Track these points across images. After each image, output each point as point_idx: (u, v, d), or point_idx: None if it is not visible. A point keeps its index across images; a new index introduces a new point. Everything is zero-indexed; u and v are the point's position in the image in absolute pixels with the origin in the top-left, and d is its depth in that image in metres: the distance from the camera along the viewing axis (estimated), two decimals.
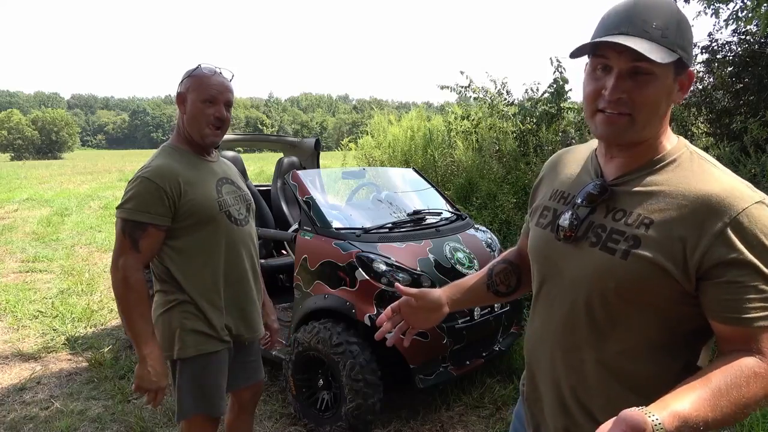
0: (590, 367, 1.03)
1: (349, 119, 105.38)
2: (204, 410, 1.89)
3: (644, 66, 0.94)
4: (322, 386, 3.00)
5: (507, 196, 6.25)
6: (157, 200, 1.74)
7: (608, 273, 0.99)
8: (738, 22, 5.89)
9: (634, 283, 0.96)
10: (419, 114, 10.44)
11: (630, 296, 0.98)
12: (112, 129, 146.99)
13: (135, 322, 1.74)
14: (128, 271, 1.72)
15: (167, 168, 1.79)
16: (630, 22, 0.95)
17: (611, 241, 0.99)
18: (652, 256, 0.94)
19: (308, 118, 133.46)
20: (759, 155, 4.98)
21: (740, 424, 2.82)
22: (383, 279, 2.86)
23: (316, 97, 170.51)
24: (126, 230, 1.73)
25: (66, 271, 6.71)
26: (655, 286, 0.95)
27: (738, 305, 0.89)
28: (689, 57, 0.96)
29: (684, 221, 0.93)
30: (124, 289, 1.73)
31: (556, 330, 1.09)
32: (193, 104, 1.83)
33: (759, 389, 0.88)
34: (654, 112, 0.98)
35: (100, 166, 32.33)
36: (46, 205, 12.88)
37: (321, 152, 4.68)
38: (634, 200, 1.00)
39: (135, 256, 1.74)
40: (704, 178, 0.95)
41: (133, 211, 1.73)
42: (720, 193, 0.92)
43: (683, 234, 0.92)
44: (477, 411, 3.19)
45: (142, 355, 1.74)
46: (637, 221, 0.97)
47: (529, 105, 7.53)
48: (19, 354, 4.16)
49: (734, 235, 0.89)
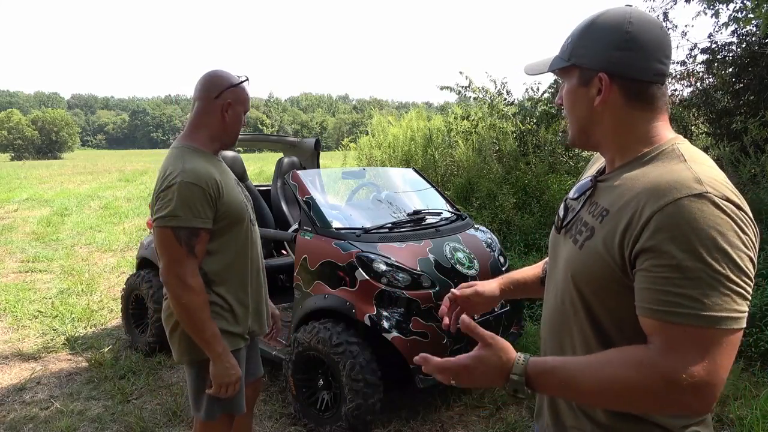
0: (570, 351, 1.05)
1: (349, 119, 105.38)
2: (230, 410, 1.93)
3: (559, 75, 1.10)
4: (322, 386, 3.00)
5: (507, 196, 6.26)
6: (205, 204, 1.75)
7: (570, 262, 1.04)
8: (738, 23, 5.89)
9: (584, 273, 0.99)
10: (419, 114, 10.44)
11: (582, 286, 1.00)
12: (112, 129, 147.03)
13: (205, 324, 1.76)
14: (190, 278, 1.73)
15: (204, 170, 1.79)
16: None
17: (578, 233, 1.04)
18: (598, 246, 0.96)
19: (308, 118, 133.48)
20: (759, 155, 4.99)
21: (740, 423, 2.82)
22: (383, 279, 2.86)
23: (316, 97, 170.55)
24: (182, 238, 1.72)
25: (66, 271, 6.71)
26: (601, 277, 0.96)
27: (654, 296, 0.87)
28: (597, 61, 0.99)
29: (628, 211, 0.92)
30: (191, 296, 1.73)
31: (549, 314, 1.13)
32: (237, 114, 1.91)
33: (634, 374, 0.86)
34: (570, 113, 1.07)
35: (100, 166, 32.32)
36: (46, 205, 12.87)
37: (321, 152, 4.68)
38: (606, 194, 1.02)
39: (193, 261, 1.75)
40: (662, 170, 0.93)
41: (186, 218, 1.72)
42: (662, 183, 0.90)
43: (624, 224, 0.92)
44: (477, 411, 3.19)
45: (216, 353, 1.78)
46: (598, 213, 1.00)
47: (529, 105, 7.54)
48: (19, 354, 4.16)
49: (658, 224, 0.86)
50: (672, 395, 0.84)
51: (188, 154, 1.83)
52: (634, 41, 0.96)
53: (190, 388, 1.92)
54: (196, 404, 1.92)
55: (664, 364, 0.85)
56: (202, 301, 1.76)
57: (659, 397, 0.86)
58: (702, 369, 0.83)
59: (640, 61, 0.96)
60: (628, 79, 0.98)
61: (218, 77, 1.91)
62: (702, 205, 0.85)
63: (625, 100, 0.99)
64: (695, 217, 0.84)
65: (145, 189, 15.94)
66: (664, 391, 0.85)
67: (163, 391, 3.49)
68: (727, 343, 0.84)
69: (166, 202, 1.73)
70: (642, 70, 0.97)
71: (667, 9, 6.55)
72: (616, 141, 1.03)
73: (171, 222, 1.71)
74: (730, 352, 0.85)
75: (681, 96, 6.67)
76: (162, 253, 1.75)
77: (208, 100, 1.88)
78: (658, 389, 0.85)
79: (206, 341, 1.77)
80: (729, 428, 2.89)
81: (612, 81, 0.99)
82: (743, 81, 6.06)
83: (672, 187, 0.88)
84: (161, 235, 1.73)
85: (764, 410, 2.84)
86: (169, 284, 1.75)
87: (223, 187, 1.82)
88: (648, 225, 0.87)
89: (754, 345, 3.54)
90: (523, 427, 2.99)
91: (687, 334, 0.84)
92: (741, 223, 0.86)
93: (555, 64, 1.06)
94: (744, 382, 3.24)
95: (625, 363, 0.88)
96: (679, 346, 0.85)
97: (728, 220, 0.84)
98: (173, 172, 1.76)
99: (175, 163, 1.79)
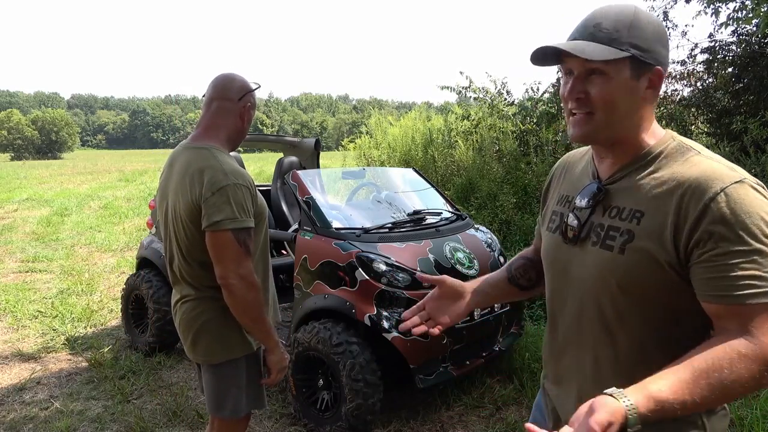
0: (603, 363, 1.06)
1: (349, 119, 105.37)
2: (255, 407, 2.00)
3: (598, 66, 0.99)
4: (322, 386, 3.00)
5: (507, 196, 6.25)
6: (251, 203, 1.82)
7: (609, 269, 1.02)
8: (737, 23, 5.89)
9: (633, 276, 0.99)
10: (419, 114, 10.44)
11: (632, 290, 1.00)
12: (112, 129, 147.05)
13: (265, 318, 1.86)
14: (252, 277, 1.79)
15: (241, 170, 1.84)
16: (582, 28, 1.03)
17: (609, 238, 1.03)
18: (646, 246, 0.97)
19: (308, 118, 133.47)
20: (759, 155, 4.98)
21: (740, 423, 2.82)
22: (383, 279, 2.86)
23: (316, 97, 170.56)
24: (241, 239, 1.76)
25: (66, 271, 6.71)
26: (653, 277, 0.97)
27: (723, 282, 0.90)
28: (651, 55, 0.99)
29: (670, 208, 0.95)
30: (254, 293, 1.80)
31: (569, 329, 1.13)
32: (251, 118, 2.00)
33: (744, 371, 0.87)
34: (612, 109, 1.01)
35: (100, 166, 32.32)
36: (46, 205, 12.87)
37: (321, 152, 4.68)
38: (626, 196, 1.03)
39: (250, 260, 1.80)
40: (687, 165, 0.98)
41: (242, 219, 1.76)
42: (700, 176, 0.94)
43: (671, 221, 0.94)
44: (477, 411, 3.19)
45: (275, 342, 1.90)
46: (629, 215, 1.01)
47: (529, 105, 7.54)
48: (19, 354, 4.16)
49: (713, 214, 0.90)
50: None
51: (220, 155, 1.84)
52: (667, 41, 1.03)
53: (213, 389, 1.93)
54: (219, 404, 1.93)
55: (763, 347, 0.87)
56: (262, 297, 1.86)
57: (762, 380, 0.88)
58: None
59: (667, 59, 1.03)
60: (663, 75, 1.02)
61: (240, 80, 1.94)
62: (746, 190, 0.91)
63: (656, 94, 1.04)
64: (744, 202, 0.90)
65: (145, 189, 15.95)
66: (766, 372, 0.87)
67: (163, 391, 3.49)
68: None
69: (221, 205, 1.73)
70: (666, 67, 1.03)
71: (667, 8, 6.55)
72: (637, 135, 1.04)
73: (230, 225, 1.74)
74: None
75: (681, 96, 6.67)
76: (221, 256, 1.76)
77: (231, 101, 1.90)
78: (762, 374, 0.87)
79: (267, 332, 1.88)
80: (729, 428, 2.89)
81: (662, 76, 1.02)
82: (743, 81, 6.05)
83: (715, 178, 0.92)
84: (221, 239, 1.74)
85: (764, 410, 2.84)
86: (233, 286, 1.77)
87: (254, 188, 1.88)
88: (702, 216, 0.91)
89: None
90: (523, 427, 2.98)
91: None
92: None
93: (601, 53, 0.97)
94: None
95: (729, 364, 0.87)
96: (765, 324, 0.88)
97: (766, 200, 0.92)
98: (218, 176, 1.76)
99: (214, 166, 1.79)
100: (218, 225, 1.73)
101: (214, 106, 1.90)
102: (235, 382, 1.91)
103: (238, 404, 1.92)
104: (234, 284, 1.77)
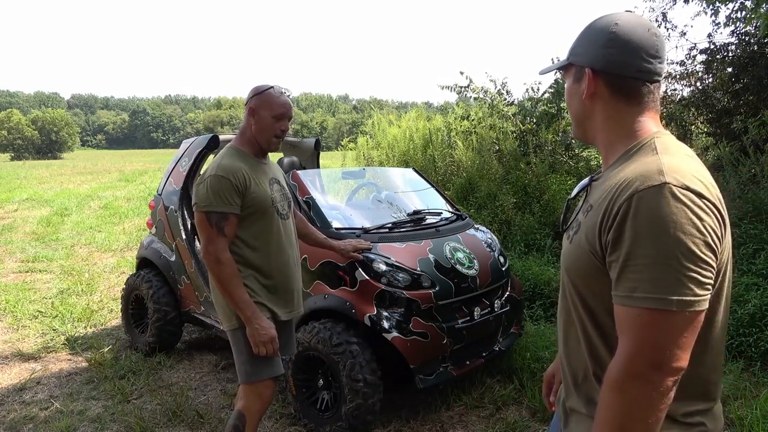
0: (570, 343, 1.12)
1: (349, 119, 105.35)
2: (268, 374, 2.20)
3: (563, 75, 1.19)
4: (322, 386, 3.00)
5: (507, 196, 6.25)
6: (233, 192, 2.09)
7: (565, 258, 1.12)
8: (737, 23, 5.89)
9: (575, 265, 1.05)
10: (419, 114, 10.44)
11: (575, 278, 1.06)
12: (112, 129, 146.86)
13: (234, 291, 2.08)
14: (219, 253, 2.07)
15: (234, 165, 2.13)
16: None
17: (571, 229, 1.11)
18: (581, 239, 1.03)
19: (308, 118, 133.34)
20: (758, 155, 4.98)
21: (740, 423, 2.82)
22: (383, 279, 2.87)
23: (316, 97, 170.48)
24: (212, 221, 2.07)
25: (66, 271, 6.71)
26: (588, 269, 1.01)
27: (616, 284, 0.94)
28: (583, 58, 1.09)
29: (604, 205, 0.98)
30: (219, 267, 2.07)
31: (559, 310, 1.19)
32: (265, 119, 2.20)
33: (617, 395, 0.92)
34: (569, 109, 1.17)
35: (100, 166, 32.31)
36: (46, 205, 12.87)
37: (321, 152, 4.68)
38: (595, 191, 1.09)
39: (222, 240, 2.09)
40: (634, 164, 0.99)
41: (215, 204, 2.07)
42: (629, 176, 0.96)
43: (601, 217, 0.97)
44: (477, 411, 3.19)
45: (246, 317, 2.10)
46: (586, 210, 1.06)
47: (529, 105, 7.54)
48: (19, 354, 4.16)
49: (621, 216, 0.92)
50: (641, 383, 0.89)
51: (230, 153, 2.20)
52: (616, 40, 1.04)
53: (235, 354, 2.22)
54: (238, 369, 2.22)
55: (622, 359, 0.91)
56: (231, 272, 2.08)
57: (642, 397, 0.89)
58: (657, 349, 0.89)
59: (621, 57, 1.04)
60: (612, 74, 1.06)
61: (252, 89, 2.25)
62: (659, 196, 0.90)
63: (611, 93, 1.07)
64: (651, 207, 0.89)
65: (145, 189, 15.95)
66: (640, 384, 0.89)
67: (163, 391, 3.49)
68: (683, 324, 0.88)
69: (199, 192, 2.11)
70: (623, 66, 1.05)
71: (666, 9, 6.55)
72: (606, 135, 1.10)
73: (204, 208, 2.08)
74: (688, 333, 0.89)
75: (681, 96, 6.67)
76: (200, 233, 2.12)
77: (245, 107, 2.24)
78: (634, 389, 0.90)
79: (236, 305, 2.10)
80: (729, 428, 2.89)
81: (596, 75, 1.07)
82: (742, 81, 6.06)
83: (635, 180, 0.93)
84: (199, 219, 2.11)
85: (764, 410, 2.84)
86: (205, 259, 2.10)
87: (251, 181, 2.14)
88: (616, 217, 0.93)
89: (754, 345, 3.54)
90: (523, 427, 2.99)
91: (644, 317, 0.89)
92: (698, 210, 0.89)
93: (555, 64, 1.21)
94: (744, 382, 3.24)
95: (603, 399, 0.94)
96: (639, 329, 0.90)
97: (683, 208, 0.89)
98: (209, 169, 2.14)
99: (217, 160, 2.17)
100: (196, 207, 2.11)
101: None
102: (241, 349, 2.18)
103: (248, 369, 2.18)
104: (205, 257, 2.09)
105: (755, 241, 4.35)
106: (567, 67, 1.15)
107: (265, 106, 2.19)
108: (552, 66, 1.25)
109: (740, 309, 3.70)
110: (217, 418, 3.15)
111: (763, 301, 3.67)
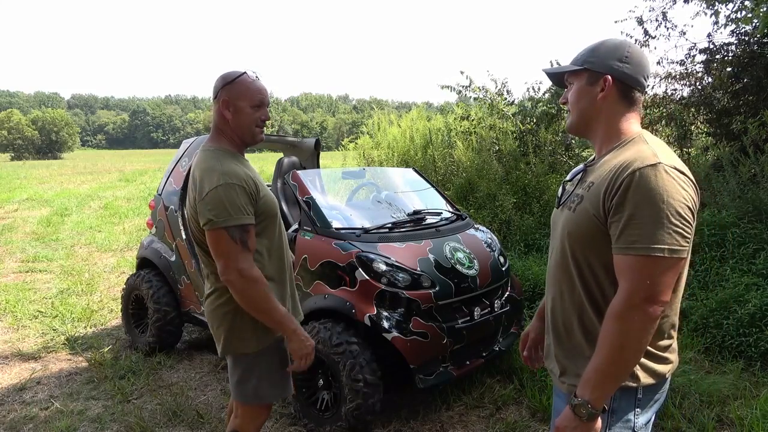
0: (564, 297, 1.39)
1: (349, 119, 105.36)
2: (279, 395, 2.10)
3: (569, 79, 1.45)
4: (322, 386, 2.99)
5: (507, 196, 6.25)
6: (247, 201, 1.85)
7: (566, 223, 1.38)
8: (736, 23, 5.89)
9: (578, 227, 1.33)
10: (419, 114, 10.43)
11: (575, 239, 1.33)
12: (112, 129, 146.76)
13: (274, 309, 1.87)
14: (251, 271, 1.82)
15: (239, 170, 1.87)
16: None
17: (571, 201, 1.39)
18: (586, 206, 1.31)
19: (308, 118, 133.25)
20: (758, 155, 4.98)
21: (740, 423, 2.82)
22: (383, 279, 2.86)
23: (316, 97, 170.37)
24: (236, 236, 1.80)
25: (66, 271, 6.71)
26: (590, 229, 1.30)
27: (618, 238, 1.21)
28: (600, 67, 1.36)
29: (607, 179, 1.26)
30: (255, 286, 1.83)
31: (549, 268, 1.48)
32: (244, 110, 1.91)
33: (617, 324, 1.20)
34: (575, 107, 1.41)
35: (100, 166, 32.32)
36: (46, 205, 12.87)
37: (321, 152, 4.68)
38: (593, 173, 1.37)
39: (249, 255, 1.84)
40: (632, 150, 1.29)
41: (234, 216, 1.80)
42: (630, 158, 1.25)
43: (605, 188, 1.26)
44: (477, 411, 3.19)
45: (291, 330, 1.91)
46: (587, 186, 1.35)
47: (530, 105, 7.54)
48: (19, 354, 4.16)
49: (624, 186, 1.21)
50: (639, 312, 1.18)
51: (218, 155, 1.90)
52: (631, 58, 1.35)
53: (234, 377, 2.01)
54: (240, 391, 2.01)
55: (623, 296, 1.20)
56: (266, 289, 1.86)
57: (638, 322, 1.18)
58: (651, 286, 1.18)
59: (632, 72, 1.35)
60: (624, 83, 1.35)
61: (217, 79, 1.95)
62: (655, 171, 1.20)
63: (618, 98, 1.36)
64: (649, 179, 1.19)
65: (145, 189, 15.95)
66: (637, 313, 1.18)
67: (163, 391, 3.49)
68: (669, 268, 1.19)
69: (210, 205, 1.79)
70: (632, 79, 1.35)
71: (666, 9, 6.54)
72: (607, 130, 1.38)
73: (223, 223, 1.79)
74: (672, 275, 1.20)
75: (681, 96, 6.66)
76: (219, 253, 1.82)
77: (213, 103, 1.95)
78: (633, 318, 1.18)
79: (278, 322, 1.90)
80: (729, 428, 2.89)
81: (613, 82, 1.35)
82: (742, 81, 6.05)
83: (635, 160, 1.23)
84: (216, 237, 1.80)
85: (764, 410, 2.84)
86: (232, 281, 1.82)
87: (259, 184, 1.93)
88: (620, 188, 1.22)
89: (754, 345, 3.54)
90: (523, 426, 2.99)
91: (641, 262, 1.18)
92: (683, 183, 1.22)
93: (569, 67, 1.42)
94: (744, 382, 3.24)
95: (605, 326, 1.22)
96: (637, 271, 1.19)
97: (673, 181, 1.20)
98: (205, 179, 1.83)
99: (210, 166, 1.86)
100: (212, 224, 1.79)
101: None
102: (254, 373, 1.98)
103: (258, 392, 2.00)
104: (233, 280, 1.81)
105: (755, 241, 4.35)
106: (578, 71, 1.39)
107: (241, 96, 1.90)
108: (563, 67, 1.45)
109: (740, 309, 3.69)
110: (217, 418, 3.15)
111: (763, 301, 3.66)
